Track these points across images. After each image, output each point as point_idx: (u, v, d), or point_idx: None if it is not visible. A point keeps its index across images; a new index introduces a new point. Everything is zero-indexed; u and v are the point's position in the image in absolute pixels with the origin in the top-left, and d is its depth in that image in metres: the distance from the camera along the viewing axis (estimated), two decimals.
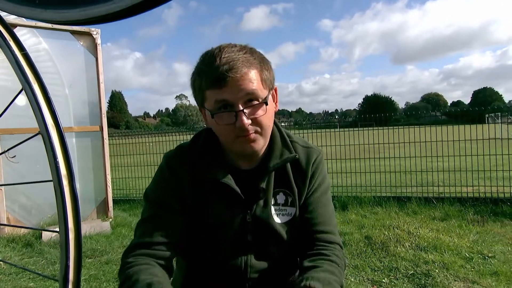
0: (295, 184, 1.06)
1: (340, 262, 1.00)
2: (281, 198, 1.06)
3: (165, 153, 1.10)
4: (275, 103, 1.05)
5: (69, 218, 0.44)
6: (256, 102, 0.94)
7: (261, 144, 0.99)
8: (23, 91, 0.48)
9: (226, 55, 0.91)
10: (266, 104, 0.96)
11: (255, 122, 0.95)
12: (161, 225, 0.98)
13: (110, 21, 0.43)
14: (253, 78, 0.93)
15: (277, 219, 1.04)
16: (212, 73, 0.90)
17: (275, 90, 1.05)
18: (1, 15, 0.48)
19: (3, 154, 3.71)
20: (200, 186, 1.02)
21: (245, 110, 0.92)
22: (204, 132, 1.09)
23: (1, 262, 3.13)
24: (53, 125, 0.46)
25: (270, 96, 0.99)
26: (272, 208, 1.04)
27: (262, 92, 0.95)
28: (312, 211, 1.06)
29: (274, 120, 1.05)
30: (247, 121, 0.92)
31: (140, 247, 0.96)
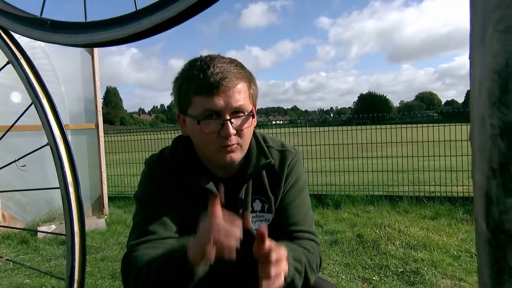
0: (270, 190, 1.08)
1: (313, 252, 1.02)
2: (257, 205, 1.08)
3: (147, 159, 1.11)
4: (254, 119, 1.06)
5: (74, 223, 0.48)
6: (242, 114, 0.97)
7: (239, 157, 1.00)
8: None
9: (219, 65, 0.93)
10: (253, 117, 0.99)
11: (239, 133, 0.97)
12: (155, 224, 0.98)
13: (115, 45, 0.47)
14: (242, 91, 0.96)
15: (255, 226, 1.05)
16: (205, 79, 0.92)
17: (255, 107, 1.06)
18: (14, 36, 0.52)
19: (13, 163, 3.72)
20: (182, 193, 1.04)
21: (232, 120, 0.94)
22: (181, 140, 1.09)
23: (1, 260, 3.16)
24: (60, 137, 0.50)
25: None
26: (250, 216, 1.06)
27: (248, 106, 0.98)
28: (287, 212, 1.08)
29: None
30: (232, 131, 0.94)
31: (139, 245, 0.97)
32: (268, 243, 0.80)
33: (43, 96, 0.50)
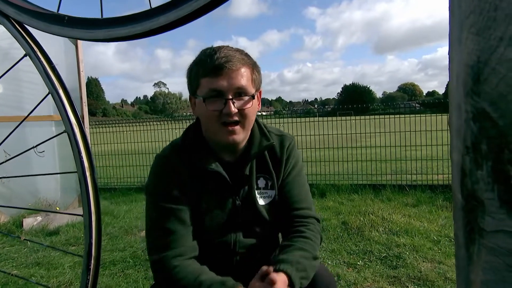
0: (272, 169, 1.19)
1: (314, 235, 1.15)
2: (261, 182, 1.19)
3: (158, 154, 1.18)
4: (258, 104, 1.17)
5: (91, 204, 0.52)
6: (245, 96, 1.07)
7: (241, 137, 1.10)
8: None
9: (225, 51, 1.04)
10: (253, 98, 1.08)
11: (241, 112, 1.06)
12: (174, 222, 1.06)
13: (131, 40, 0.52)
14: (245, 74, 1.06)
15: (260, 202, 1.17)
16: (211, 62, 1.03)
17: (260, 93, 1.17)
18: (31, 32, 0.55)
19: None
20: (195, 176, 1.12)
21: (234, 100, 1.04)
22: (192, 128, 1.19)
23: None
24: (76, 125, 0.53)
25: (256, 94, 1.11)
26: (256, 192, 1.17)
27: (250, 89, 1.08)
28: (289, 191, 1.20)
29: None
30: (234, 109, 1.04)
31: (173, 257, 1.04)
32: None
33: (59, 86, 0.53)
